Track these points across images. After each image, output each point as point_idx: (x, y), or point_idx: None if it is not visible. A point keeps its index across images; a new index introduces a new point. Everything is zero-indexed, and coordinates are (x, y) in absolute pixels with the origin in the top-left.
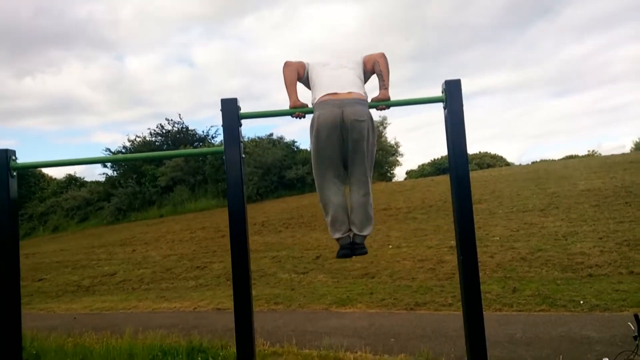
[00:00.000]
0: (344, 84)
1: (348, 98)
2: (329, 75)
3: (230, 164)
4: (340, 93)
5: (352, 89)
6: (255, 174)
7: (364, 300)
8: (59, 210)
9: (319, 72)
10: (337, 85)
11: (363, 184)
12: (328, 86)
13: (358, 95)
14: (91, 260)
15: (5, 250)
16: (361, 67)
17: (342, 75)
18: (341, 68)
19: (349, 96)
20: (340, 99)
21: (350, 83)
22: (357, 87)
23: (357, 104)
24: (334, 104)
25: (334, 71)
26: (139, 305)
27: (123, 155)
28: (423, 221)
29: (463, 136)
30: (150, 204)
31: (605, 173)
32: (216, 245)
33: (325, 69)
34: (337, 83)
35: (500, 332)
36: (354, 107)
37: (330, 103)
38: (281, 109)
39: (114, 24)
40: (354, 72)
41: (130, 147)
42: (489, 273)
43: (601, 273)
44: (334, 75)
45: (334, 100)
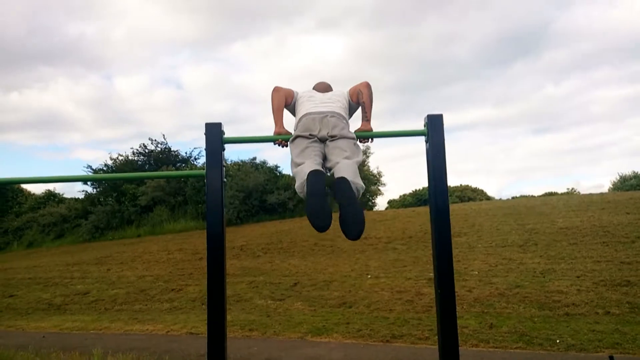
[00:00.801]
0: (327, 106)
1: (330, 112)
2: (314, 102)
3: (212, 187)
4: (321, 110)
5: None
6: (237, 197)
7: (340, 330)
8: (35, 226)
9: (304, 103)
10: (319, 107)
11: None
12: (309, 107)
13: (339, 112)
14: (64, 278)
15: None
16: (347, 100)
17: (326, 103)
18: (327, 101)
19: (330, 111)
20: (323, 111)
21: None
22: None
23: (338, 118)
24: (315, 114)
25: (320, 99)
26: (110, 326)
27: (104, 174)
28: (403, 252)
29: (444, 170)
30: (129, 223)
31: (584, 212)
32: (193, 267)
33: (311, 101)
34: (319, 105)
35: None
36: (335, 119)
37: (313, 114)
38: (265, 136)
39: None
40: (339, 104)
41: (112, 166)
42: (466, 307)
43: (578, 312)
44: (319, 104)
45: (316, 112)
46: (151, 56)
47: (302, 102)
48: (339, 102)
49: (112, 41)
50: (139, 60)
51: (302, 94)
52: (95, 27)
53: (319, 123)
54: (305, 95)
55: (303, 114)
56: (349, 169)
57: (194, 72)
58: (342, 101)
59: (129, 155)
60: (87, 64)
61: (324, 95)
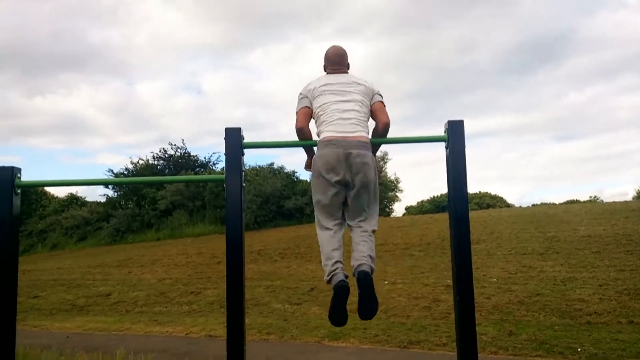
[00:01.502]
0: (351, 124)
1: (354, 140)
2: (336, 109)
3: (231, 192)
4: (346, 136)
5: (358, 130)
6: (254, 202)
7: (357, 335)
8: (58, 229)
9: (322, 100)
10: (344, 124)
11: (367, 223)
12: (335, 122)
13: (364, 138)
14: (87, 280)
15: (5, 265)
16: (369, 98)
17: (348, 110)
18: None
19: (354, 138)
20: (347, 140)
21: (356, 122)
22: (362, 127)
23: (362, 147)
24: (339, 144)
25: (340, 104)
26: (132, 328)
27: (125, 178)
28: (420, 258)
29: (464, 176)
30: (149, 226)
31: (607, 220)
32: (211, 271)
33: (329, 98)
34: (344, 122)
35: None
36: (359, 150)
37: (335, 143)
38: (284, 141)
39: (127, 51)
40: (360, 104)
41: (132, 170)
42: (485, 315)
43: (600, 321)
44: (341, 110)
45: (339, 140)
46: (172, 62)
47: (319, 96)
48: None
49: (134, 47)
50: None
51: (314, 88)
52: (119, 33)
53: (344, 162)
54: (318, 88)
55: (326, 137)
56: (366, 248)
57: (214, 78)
58: (366, 100)
59: (149, 159)
60: (109, 70)
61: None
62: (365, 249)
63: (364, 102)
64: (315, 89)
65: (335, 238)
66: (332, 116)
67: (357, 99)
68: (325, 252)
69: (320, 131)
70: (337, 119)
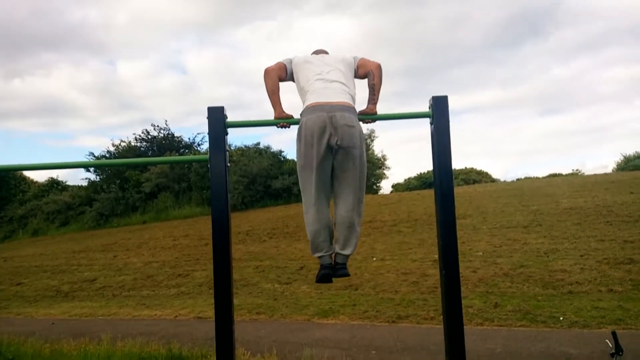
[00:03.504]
0: (334, 92)
1: (338, 104)
2: (318, 80)
3: (215, 172)
4: (330, 101)
5: (342, 97)
6: (241, 182)
7: (347, 312)
8: (39, 214)
9: (306, 74)
10: (327, 93)
11: (352, 198)
12: (317, 91)
13: (348, 103)
14: (71, 265)
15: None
16: (352, 69)
17: (331, 80)
18: (331, 71)
19: (338, 103)
20: (330, 104)
21: (340, 90)
22: (346, 95)
23: (347, 111)
24: (323, 108)
25: (324, 75)
26: (118, 312)
27: (107, 160)
28: (408, 234)
29: (449, 152)
30: (134, 209)
31: (588, 192)
32: (199, 253)
33: (313, 69)
34: (327, 90)
35: (481, 347)
36: (344, 113)
37: (319, 108)
38: (267, 119)
39: (107, 29)
40: (343, 75)
41: (114, 152)
42: (471, 288)
43: (581, 290)
44: (324, 80)
45: (323, 105)
46: (155, 41)
47: (302, 70)
48: (343, 75)
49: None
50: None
51: (298, 59)
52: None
53: (329, 124)
54: (301, 61)
55: (309, 104)
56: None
57: (199, 56)
58: (348, 72)
59: (131, 141)
60: (90, 49)
61: (325, 59)
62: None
63: (347, 75)
64: (299, 62)
65: (321, 212)
66: (316, 86)
67: (340, 69)
68: (313, 229)
69: (304, 101)
70: (321, 88)
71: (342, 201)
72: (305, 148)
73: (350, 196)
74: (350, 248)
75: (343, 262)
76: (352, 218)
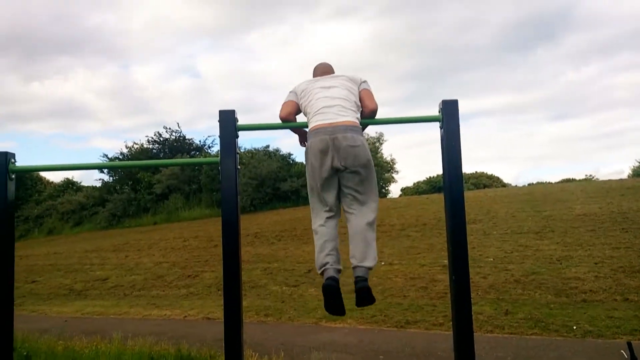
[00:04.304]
0: (337, 112)
1: (341, 125)
2: (322, 97)
3: (226, 174)
4: (333, 122)
5: (343, 115)
6: (250, 185)
7: (355, 315)
8: (54, 214)
9: (311, 92)
10: (330, 113)
11: (363, 214)
12: (320, 112)
13: (349, 122)
14: (84, 264)
15: (1, 251)
16: (357, 87)
17: (334, 97)
18: (333, 87)
19: (341, 123)
20: (333, 125)
21: (341, 108)
22: (350, 114)
23: (350, 130)
24: (325, 131)
25: (326, 91)
26: (129, 311)
27: (120, 162)
28: (416, 239)
29: (459, 156)
30: (145, 211)
31: (602, 198)
32: (208, 254)
33: (317, 86)
34: (330, 110)
35: (491, 355)
36: (346, 133)
37: (322, 131)
38: (277, 123)
39: (123, 34)
40: (347, 91)
41: (127, 154)
42: (481, 294)
43: (595, 299)
44: (327, 97)
45: (325, 127)
46: (169, 45)
47: (308, 92)
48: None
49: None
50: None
51: (301, 87)
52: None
53: (332, 147)
54: (306, 87)
55: (313, 127)
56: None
57: (211, 60)
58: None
59: (143, 143)
60: (106, 53)
61: (328, 82)
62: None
63: (350, 89)
64: (304, 89)
65: (328, 227)
66: (318, 106)
67: (343, 85)
68: (319, 244)
69: (309, 120)
70: (322, 108)
71: (354, 217)
72: (311, 170)
73: (361, 212)
74: (369, 260)
75: (363, 276)
76: (365, 231)
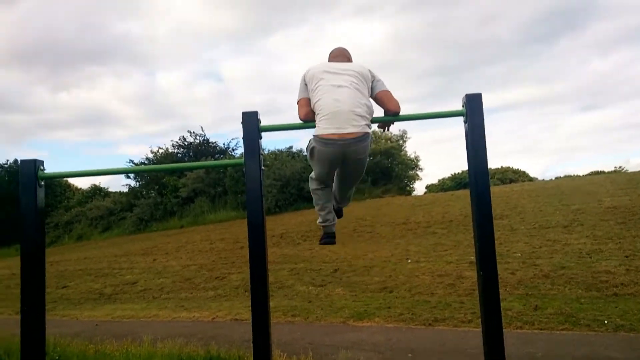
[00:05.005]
0: (346, 119)
1: (350, 138)
2: (331, 99)
3: (250, 176)
4: (342, 133)
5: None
6: (275, 186)
7: (382, 314)
8: (83, 220)
9: (318, 84)
10: (339, 119)
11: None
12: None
13: (358, 134)
14: (113, 269)
15: (32, 257)
16: (368, 83)
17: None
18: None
19: (350, 136)
20: (343, 139)
21: (353, 116)
22: (359, 121)
23: (360, 141)
24: (336, 144)
25: (335, 91)
26: (159, 314)
27: (146, 166)
28: (443, 236)
29: (484, 151)
30: (171, 214)
31: (633, 190)
32: (235, 256)
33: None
34: (339, 117)
35: (521, 351)
36: (357, 147)
37: (332, 143)
38: (299, 123)
39: (148, 41)
40: (357, 92)
41: (152, 159)
42: (509, 290)
43: (627, 292)
44: (336, 100)
45: (336, 140)
46: (192, 51)
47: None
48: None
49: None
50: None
51: (310, 73)
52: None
53: (341, 158)
54: (314, 74)
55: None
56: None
57: (234, 64)
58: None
59: (168, 148)
60: (132, 61)
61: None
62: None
63: (361, 89)
64: (313, 75)
65: (326, 192)
66: (327, 109)
67: (352, 85)
68: (321, 203)
69: (317, 122)
70: (331, 113)
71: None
72: (318, 168)
73: (351, 187)
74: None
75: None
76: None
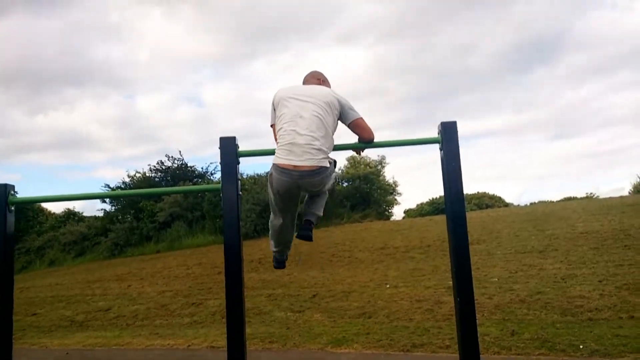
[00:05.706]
0: (304, 151)
1: (305, 171)
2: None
3: (228, 201)
4: (297, 165)
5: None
6: (254, 210)
7: (360, 340)
8: (56, 245)
9: (282, 114)
10: (297, 151)
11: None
12: (287, 147)
13: (314, 167)
14: (86, 295)
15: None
16: (335, 112)
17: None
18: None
19: (305, 168)
20: (298, 170)
21: (308, 148)
22: (316, 155)
23: (315, 175)
24: (290, 175)
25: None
26: (132, 342)
27: (122, 191)
28: (421, 261)
29: (459, 177)
30: (148, 239)
31: (604, 216)
32: (212, 282)
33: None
34: (296, 149)
35: None
36: (312, 179)
37: (286, 174)
38: None
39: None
40: (319, 120)
41: (129, 183)
42: (487, 315)
43: (601, 317)
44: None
45: (291, 171)
46: (174, 75)
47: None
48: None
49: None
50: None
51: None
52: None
53: (295, 188)
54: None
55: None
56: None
57: (215, 89)
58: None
59: (146, 172)
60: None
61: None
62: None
63: (323, 118)
64: (280, 100)
65: (284, 232)
66: (285, 138)
67: (317, 113)
68: (275, 238)
69: (276, 150)
70: (289, 144)
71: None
72: (273, 197)
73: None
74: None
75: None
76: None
